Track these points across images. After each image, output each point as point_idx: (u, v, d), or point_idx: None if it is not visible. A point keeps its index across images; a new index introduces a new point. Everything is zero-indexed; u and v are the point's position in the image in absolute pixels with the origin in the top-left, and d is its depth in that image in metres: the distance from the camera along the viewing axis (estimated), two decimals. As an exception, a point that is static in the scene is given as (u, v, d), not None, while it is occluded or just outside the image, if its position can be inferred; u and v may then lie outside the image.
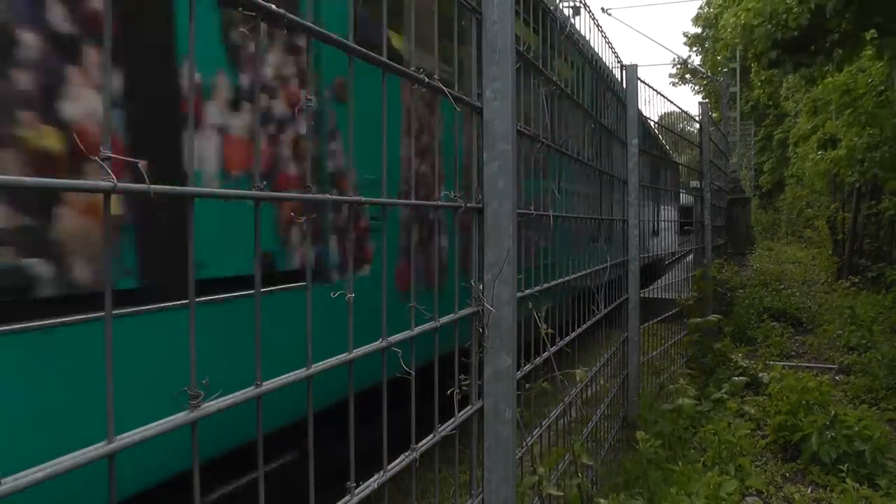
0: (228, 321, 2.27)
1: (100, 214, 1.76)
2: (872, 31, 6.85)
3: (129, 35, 2.04)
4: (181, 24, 2.19)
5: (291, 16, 1.00)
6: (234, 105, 2.43)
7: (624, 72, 4.27)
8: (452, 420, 1.58)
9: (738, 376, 5.24)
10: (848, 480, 3.52)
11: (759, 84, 9.17)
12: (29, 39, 1.76)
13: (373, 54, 1.25)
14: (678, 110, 7.06)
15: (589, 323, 3.11)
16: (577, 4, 3.47)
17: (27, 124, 1.76)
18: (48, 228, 1.80)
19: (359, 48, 1.19)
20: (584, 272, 3.09)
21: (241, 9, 0.94)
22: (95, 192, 0.72)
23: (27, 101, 1.76)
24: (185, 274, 0.90)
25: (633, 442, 3.37)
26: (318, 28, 1.08)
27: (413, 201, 1.48)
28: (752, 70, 8.40)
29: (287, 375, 1.06)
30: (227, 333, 2.23)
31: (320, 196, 1.10)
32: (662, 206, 9.45)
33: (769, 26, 6.61)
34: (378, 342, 1.31)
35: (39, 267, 1.78)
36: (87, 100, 1.90)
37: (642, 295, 4.36)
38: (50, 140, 1.80)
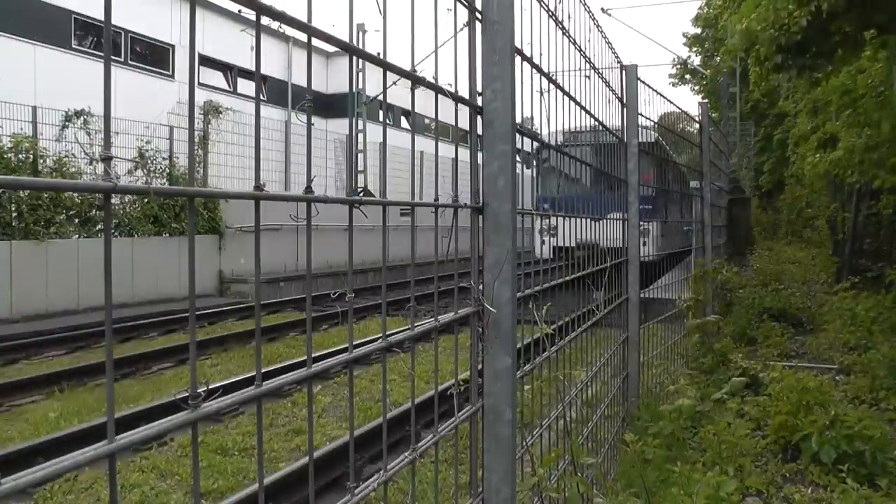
0: None
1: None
2: (873, 31, 6.85)
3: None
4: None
5: (291, 15, 1.00)
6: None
7: (624, 72, 4.27)
8: (452, 420, 1.59)
9: (738, 376, 5.24)
10: (848, 480, 3.51)
11: (755, 80, 9.17)
12: None
13: (373, 55, 1.25)
14: (678, 110, 7.06)
15: (589, 323, 3.11)
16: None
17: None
18: None
19: (360, 49, 1.20)
20: (584, 272, 3.09)
21: (241, 10, 0.94)
22: (95, 192, 0.72)
23: None
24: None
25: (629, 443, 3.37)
26: (318, 28, 1.08)
27: (414, 201, 1.49)
28: (751, 70, 8.41)
29: (287, 375, 1.06)
30: None
31: (320, 197, 1.10)
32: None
33: (772, 31, 6.62)
34: (378, 342, 1.31)
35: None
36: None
37: (642, 295, 4.36)
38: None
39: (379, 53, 1.31)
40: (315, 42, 1.09)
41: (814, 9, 6.04)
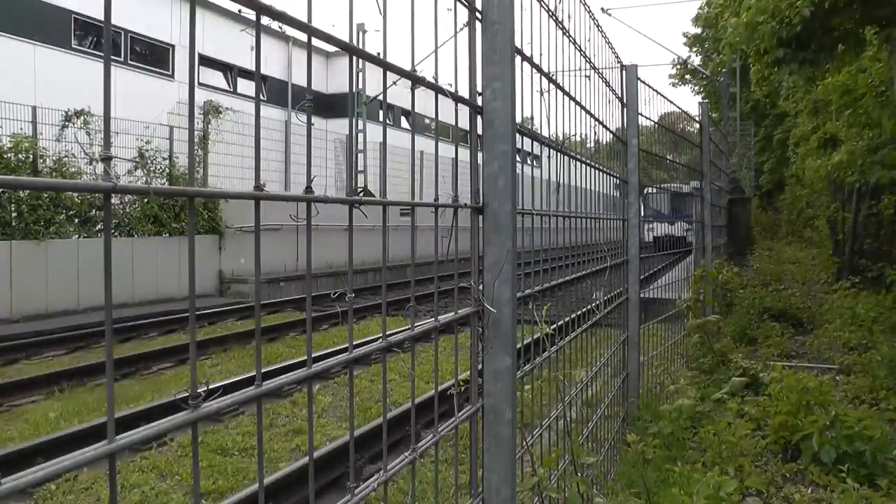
0: None
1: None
2: (874, 27, 6.85)
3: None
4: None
5: (291, 15, 1.00)
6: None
7: (624, 72, 4.27)
8: (452, 420, 1.59)
9: (738, 376, 5.23)
10: (848, 481, 3.51)
11: (757, 81, 9.17)
12: None
13: (373, 55, 1.25)
14: (678, 110, 7.06)
15: (589, 323, 3.11)
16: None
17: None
18: None
19: (360, 49, 1.20)
20: (583, 272, 3.10)
21: (241, 10, 0.94)
22: (95, 192, 0.72)
23: None
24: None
25: (630, 443, 3.37)
26: (318, 28, 1.08)
27: (414, 201, 1.48)
28: (752, 68, 8.41)
29: (287, 375, 1.06)
30: None
31: (320, 197, 1.10)
32: None
33: (773, 24, 6.62)
34: (378, 342, 1.31)
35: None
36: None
37: (642, 295, 4.36)
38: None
39: (379, 53, 1.31)
40: (315, 42, 1.09)
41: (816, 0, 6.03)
